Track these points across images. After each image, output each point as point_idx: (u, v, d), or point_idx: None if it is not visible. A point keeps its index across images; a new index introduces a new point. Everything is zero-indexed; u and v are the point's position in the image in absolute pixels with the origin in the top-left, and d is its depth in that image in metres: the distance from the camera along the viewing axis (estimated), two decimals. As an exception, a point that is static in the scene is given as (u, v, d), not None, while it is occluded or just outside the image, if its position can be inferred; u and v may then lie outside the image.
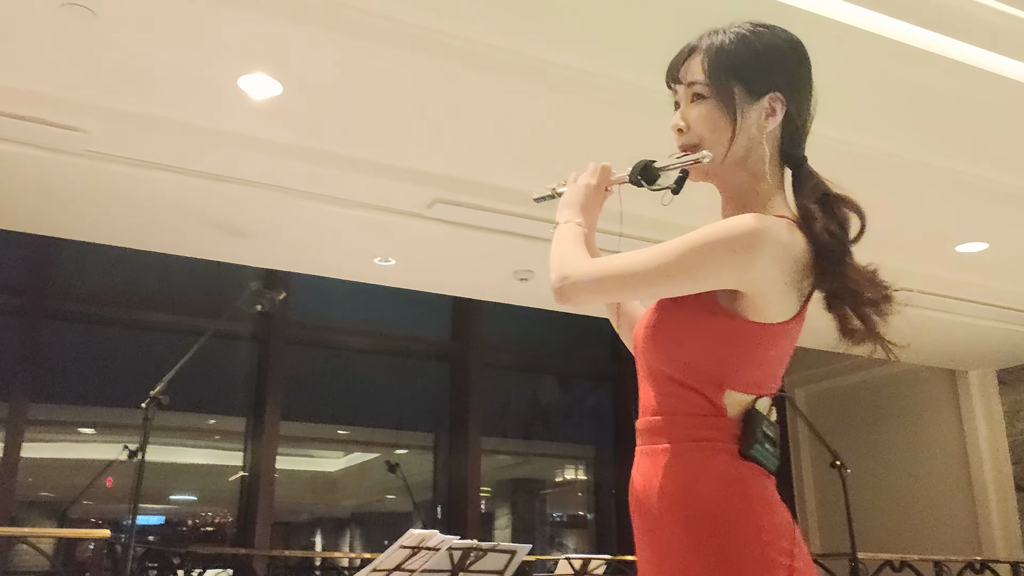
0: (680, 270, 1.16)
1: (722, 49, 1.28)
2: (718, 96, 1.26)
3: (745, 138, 1.27)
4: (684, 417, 1.21)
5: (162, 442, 6.16)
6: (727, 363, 1.20)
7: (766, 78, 1.28)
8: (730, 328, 1.19)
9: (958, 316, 5.07)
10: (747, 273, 1.16)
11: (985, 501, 6.08)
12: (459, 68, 2.81)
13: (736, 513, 1.14)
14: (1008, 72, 3.09)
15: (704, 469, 1.17)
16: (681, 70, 1.31)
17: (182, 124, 3.10)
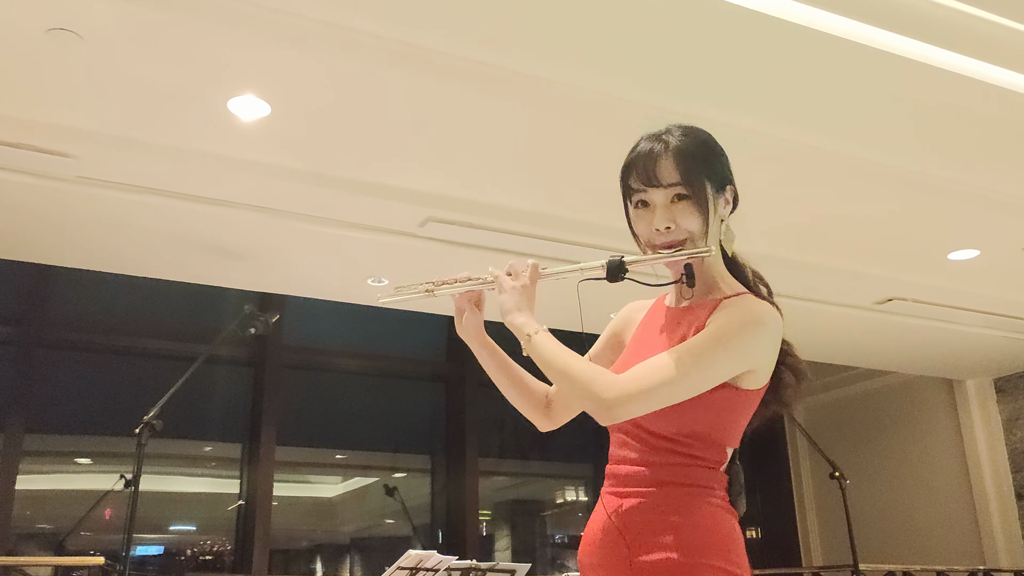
0: (718, 367, 1.32)
1: (688, 152, 1.42)
2: (696, 195, 1.41)
3: (716, 227, 1.45)
4: (679, 467, 1.37)
5: (159, 471, 6.11)
6: (729, 428, 1.39)
7: (724, 172, 1.47)
8: (732, 398, 1.36)
9: (953, 324, 5.07)
10: (761, 355, 1.37)
11: (986, 510, 6.06)
12: (449, 86, 2.82)
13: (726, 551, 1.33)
14: (998, 80, 3.11)
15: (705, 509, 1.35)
16: (657, 175, 1.42)
17: (172, 147, 3.10)
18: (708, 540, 1.33)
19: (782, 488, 7.45)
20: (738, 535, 1.38)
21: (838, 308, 4.80)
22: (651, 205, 1.43)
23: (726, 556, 1.33)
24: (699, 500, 1.36)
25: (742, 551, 1.36)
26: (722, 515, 1.37)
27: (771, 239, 4.01)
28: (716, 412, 1.37)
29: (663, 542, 1.32)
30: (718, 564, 1.31)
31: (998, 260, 4.27)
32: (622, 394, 1.30)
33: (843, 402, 7.16)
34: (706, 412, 1.36)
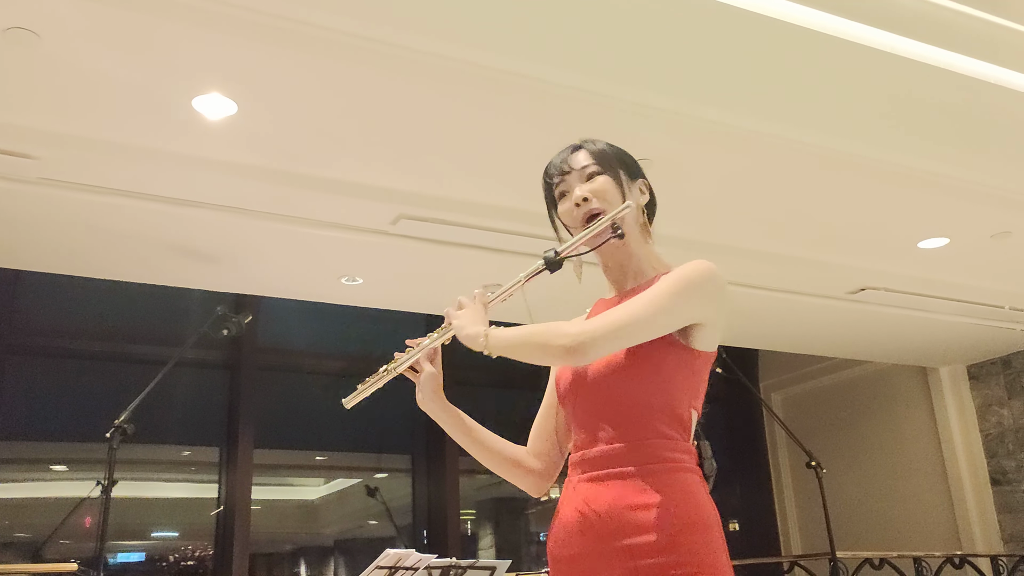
0: (670, 311, 1.40)
1: (603, 146, 1.59)
2: (610, 172, 1.54)
3: (634, 211, 1.55)
4: (659, 442, 1.40)
5: (138, 477, 6.05)
6: (690, 384, 1.46)
7: (636, 169, 1.60)
8: (687, 356, 1.45)
9: (925, 313, 5.12)
10: (711, 305, 1.45)
11: (962, 496, 6.13)
12: (419, 83, 2.80)
13: (712, 528, 1.38)
14: (966, 70, 3.15)
15: (688, 487, 1.39)
16: (569, 163, 1.57)
17: (137, 147, 3.06)
18: (692, 517, 1.36)
19: (761, 479, 7.49)
20: (715, 508, 1.42)
21: (812, 299, 4.83)
22: (569, 191, 1.56)
23: (709, 531, 1.37)
24: (676, 477, 1.39)
25: (720, 524, 1.41)
26: (701, 490, 1.42)
27: (743, 231, 4.04)
28: (679, 373, 1.44)
29: (647, 522, 1.34)
30: (703, 540, 1.35)
31: (968, 248, 4.31)
32: (587, 328, 1.37)
33: (819, 392, 7.22)
34: (665, 375, 1.43)
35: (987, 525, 6.01)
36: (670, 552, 1.32)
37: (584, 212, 1.52)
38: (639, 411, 1.42)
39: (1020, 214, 3.95)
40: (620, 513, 1.37)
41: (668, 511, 1.35)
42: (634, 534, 1.34)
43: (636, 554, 1.34)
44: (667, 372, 1.43)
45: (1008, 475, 5.96)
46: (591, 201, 1.52)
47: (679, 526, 1.34)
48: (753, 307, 4.88)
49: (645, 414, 1.42)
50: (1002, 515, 5.96)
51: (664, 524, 1.34)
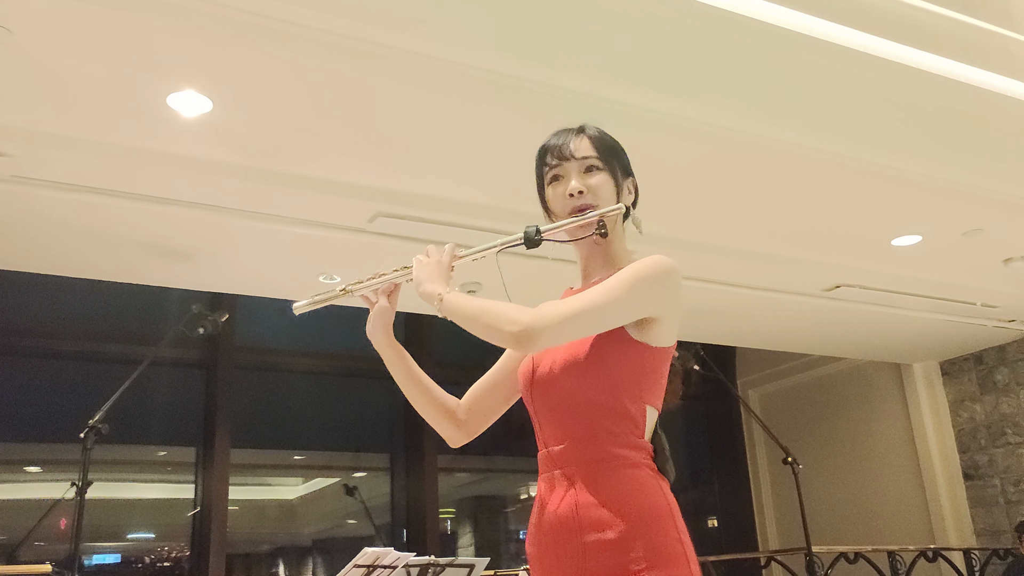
0: (624, 304, 1.40)
1: (601, 137, 1.58)
2: (609, 169, 1.54)
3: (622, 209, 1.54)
4: (607, 441, 1.41)
5: (113, 478, 5.99)
6: (644, 381, 1.45)
7: (628, 165, 1.60)
8: (641, 352, 1.44)
9: (899, 310, 5.18)
10: (666, 300, 1.44)
11: (935, 490, 6.21)
12: (395, 80, 2.80)
13: (665, 515, 1.39)
14: (939, 70, 3.20)
15: (639, 482, 1.40)
16: (571, 148, 1.55)
17: (112, 145, 3.04)
18: (644, 513, 1.37)
19: (739, 476, 7.55)
20: (672, 501, 1.42)
21: (788, 296, 4.87)
22: (564, 177, 1.54)
23: (663, 524, 1.38)
24: (628, 473, 1.40)
25: (678, 516, 1.41)
26: (654, 484, 1.41)
27: (720, 229, 4.06)
28: (631, 368, 1.43)
29: (602, 520, 1.36)
30: (658, 534, 1.36)
31: (940, 245, 4.36)
32: (538, 316, 1.36)
33: (796, 389, 7.28)
34: (622, 369, 1.43)
35: (960, 519, 6.09)
36: (625, 548, 1.34)
37: (576, 204, 1.51)
38: (590, 409, 1.43)
39: (991, 212, 4.00)
40: (578, 511, 1.39)
41: (621, 507, 1.36)
42: (591, 531, 1.37)
43: (594, 551, 1.36)
44: (618, 369, 1.42)
45: (980, 470, 6.05)
46: (585, 195, 1.51)
47: (632, 521, 1.35)
48: (730, 304, 4.92)
49: (596, 412, 1.42)
50: (974, 509, 6.05)
51: (617, 520, 1.35)
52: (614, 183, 1.54)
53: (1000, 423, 5.96)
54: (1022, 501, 5.77)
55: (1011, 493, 5.85)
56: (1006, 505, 5.87)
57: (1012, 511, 5.78)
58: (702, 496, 7.85)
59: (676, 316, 1.47)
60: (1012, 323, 5.62)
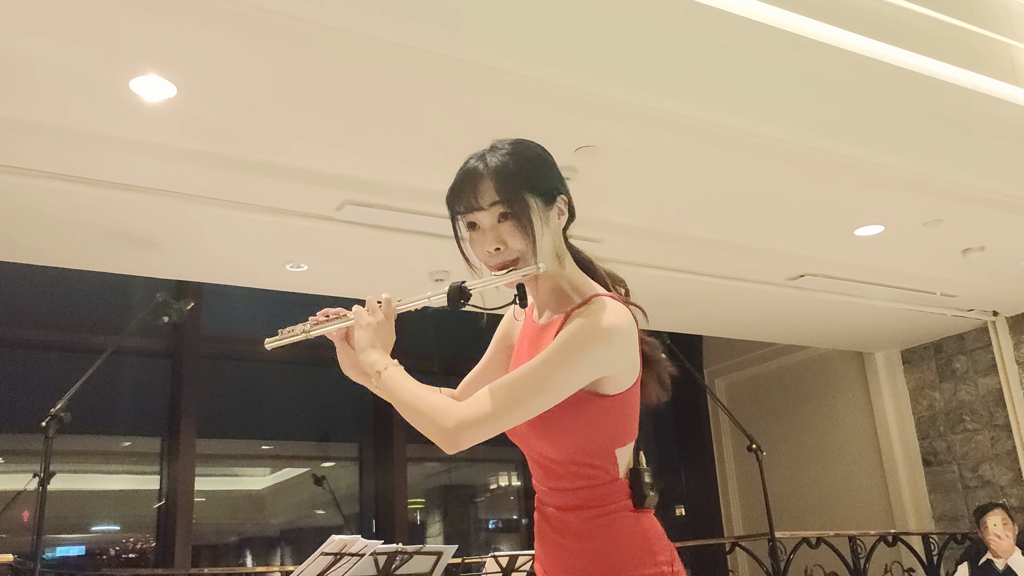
0: (561, 383, 1.33)
1: (507, 169, 1.41)
2: (519, 213, 1.40)
3: (548, 240, 1.43)
4: (583, 489, 1.40)
5: (77, 469, 5.92)
6: (610, 433, 1.40)
7: (552, 184, 1.46)
8: (600, 407, 1.38)
9: (862, 299, 5.26)
10: (609, 362, 1.36)
11: (895, 477, 6.33)
12: (363, 67, 2.78)
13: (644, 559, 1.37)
14: (901, 62, 3.25)
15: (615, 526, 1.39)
16: (477, 198, 1.41)
17: (74, 131, 2.99)
18: (623, 555, 1.37)
19: (705, 465, 7.64)
20: (653, 532, 1.41)
21: (753, 285, 4.93)
22: (479, 226, 1.43)
23: (644, 560, 1.38)
24: (604, 520, 1.39)
25: (662, 545, 1.41)
26: (630, 524, 1.40)
27: (686, 218, 4.10)
28: (592, 424, 1.38)
29: (585, 569, 1.39)
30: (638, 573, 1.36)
31: (902, 235, 4.43)
32: (462, 422, 1.31)
33: (761, 378, 7.38)
34: (583, 427, 1.38)
35: (919, 504, 6.22)
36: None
37: (498, 262, 1.42)
38: (561, 465, 1.41)
39: (951, 203, 4.07)
40: (561, 558, 1.42)
41: (599, 558, 1.37)
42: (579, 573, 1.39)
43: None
44: (580, 429, 1.38)
45: (939, 456, 6.17)
46: (503, 251, 1.41)
47: (610, 566, 1.36)
48: (697, 293, 4.97)
49: (567, 467, 1.40)
50: (933, 495, 6.18)
51: (596, 566, 1.37)
52: (528, 225, 1.39)
53: (958, 410, 6.09)
54: (980, 487, 5.90)
55: (969, 479, 5.99)
56: (964, 491, 6.00)
57: (970, 496, 5.91)
58: (670, 485, 7.93)
59: (628, 363, 1.40)
60: (970, 312, 5.74)
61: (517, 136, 1.50)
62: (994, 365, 5.90)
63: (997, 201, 4.10)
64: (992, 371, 5.92)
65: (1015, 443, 5.71)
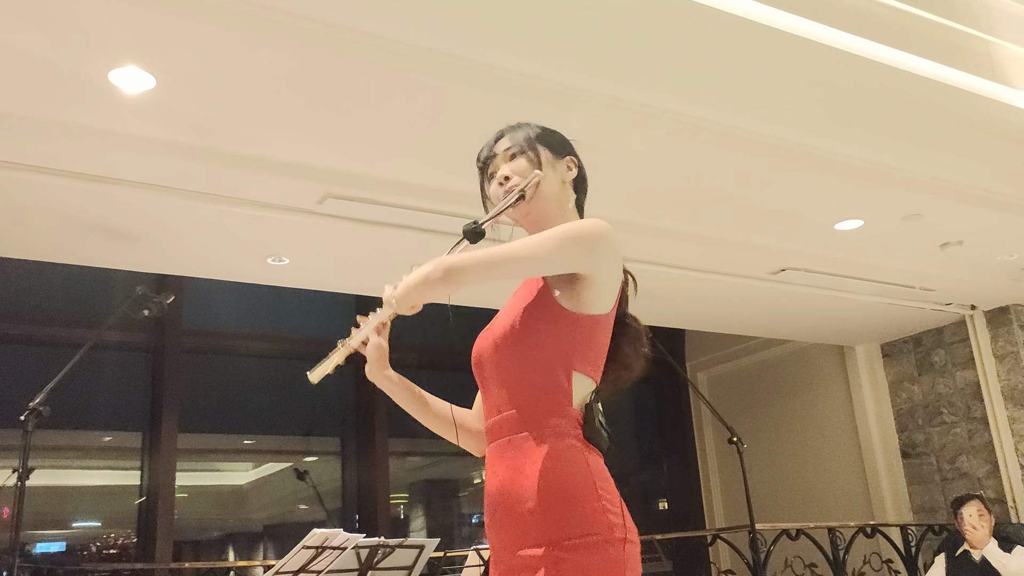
0: (547, 254, 1.44)
1: (526, 129, 1.66)
2: (530, 151, 1.62)
3: (555, 183, 1.63)
4: (536, 410, 1.46)
5: (59, 465, 5.87)
6: (571, 348, 1.47)
7: (563, 147, 1.68)
8: (568, 320, 1.47)
9: (842, 293, 5.30)
10: (594, 260, 1.46)
11: (874, 469, 6.39)
12: (346, 60, 2.77)
13: (583, 487, 1.40)
14: (877, 57, 3.27)
15: (560, 452, 1.42)
16: (493, 147, 1.66)
17: (51, 122, 2.96)
18: (559, 484, 1.40)
19: (687, 459, 7.67)
20: (598, 470, 1.44)
21: (735, 279, 4.95)
22: (496, 172, 1.64)
23: (584, 496, 1.39)
24: (552, 445, 1.43)
25: (605, 487, 1.42)
26: (577, 456, 1.43)
27: (667, 212, 4.12)
28: (555, 336, 1.47)
29: (526, 492, 1.41)
30: (579, 505, 1.38)
31: (881, 230, 4.47)
32: (461, 258, 1.45)
33: (743, 372, 7.42)
34: (546, 337, 1.47)
35: (898, 496, 6.29)
36: (544, 520, 1.38)
37: (506, 189, 1.60)
38: (521, 382, 1.48)
39: (929, 197, 4.11)
40: (508, 483, 1.45)
41: (541, 480, 1.40)
42: (518, 502, 1.42)
43: (521, 522, 1.41)
44: (548, 341, 1.47)
45: (918, 448, 6.24)
46: (512, 178, 1.60)
47: (551, 494, 1.39)
48: (679, 287, 4.99)
49: (526, 385, 1.47)
50: (912, 486, 6.25)
51: (537, 493, 1.40)
52: (535, 162, 1.60)
53: (936, 403, 6.16)
54: (957, 478, 5.97)
55: (947, 471, 6.05)
56: (942, 482, 6.07)
57: (948, 488, 5.98)
58: (652, 479, 7.96)
59: (610, 281, 1.50)
60: (949, 306, 5.80)
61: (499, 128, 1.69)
62: (972, 359, 5.96)
63: (975, 196, 4.14)
64: (970, 364, 5.98)
65: (992, 436, 5.78)
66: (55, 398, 3.41)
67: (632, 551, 1.39)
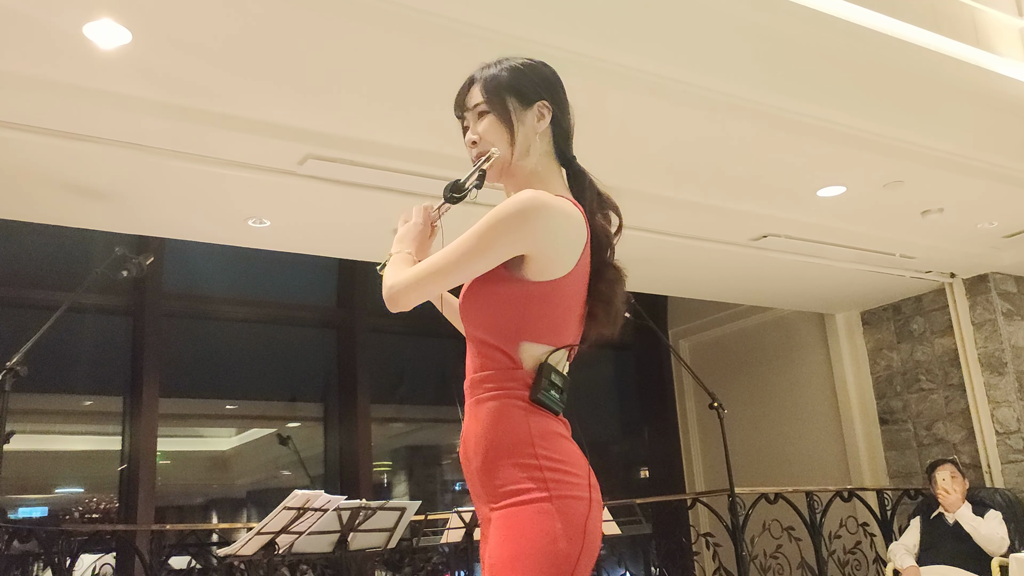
0: (478, 252, 1.44)
1: (496, 75, 1.61)
2: (498, 109, 1.59)
3: (524, 137, 1.59)
4: (490, 373, 1.48)
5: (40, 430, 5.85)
6: (520, 319, 1.47)
7: (534, 90, 1.62)
8: (518, 290, 1.46)
9: (823, 260, 5.33)
10: (528, 237, 1.43)
11: (852, 435, 6.47)
12: (327, 17, 2.73)
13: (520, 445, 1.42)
14: (859, 21, 3.25)
15: (500, 413, 1.45)
16: (465, 99, 1.64)
17: (24, 77, 2.90)
18: (501, 442, 1.45)
19: (668, 427, 7.74)
20: (538, 429, 1.44)
21: (717, 245, 4.96)
22: (469, 127, 1.65)
23: (518, 451, 1.43)
24: (494, 405, 1.48)
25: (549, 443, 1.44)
26: (516, 414, 1.46)
27: (648, 177, 4.10)
28: (505, 306, 1.48)
29: (476, 450, 1.48)
30: (510, 462, 1.42)
31: (862, 196, 4.48)
32: (398, 283, 1.50)
33: (725, 339, 7.47)
34: (496, 306, 1.49)
35: (875, 461, 6.38)
36: (490, 476, 1.45)
37: (475, 153, 1.61)
38: (477, 343, 1.52)
39: (911, 164, 4.12)
40: (468, 439, 1.51)
41: (485, 438, 1.46)
42: (470, 461, 1.50)
43: (474, 478, 1.49)
44: (494, 307, 1.49)
45: (895, 415, 6.32)
46: (478, 143, 1.61)
47: (492, 451, 1.45)
48: (661, 253, 5.00)
49: (480, 347, 1.51)
50: (889, 452, 6.33)
51: (482, 450, 1.46)
52: (503, 121, 1.58)
53: (915, 370, 6.23)
54: (933, 444, 6.06)
55: (923, 437, 6.14)
56: (918, 448, 6.15)
57: (924, 453, 6.07)
58: (634, 447, 8.03)
59: (555, 248, 1.46)
60: (928, 274, 5.84)
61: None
62: (950, 326, 6.03)
63: (957, 163, 4.15)
64: (948, 332, 6.05)
65: (968, 402, 5.86)
66: (35, 360, 3.39)
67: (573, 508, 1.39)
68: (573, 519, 1.37)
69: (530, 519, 1.37)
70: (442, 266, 1.46)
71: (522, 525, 1.36)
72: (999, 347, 5.75)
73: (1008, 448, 5.65)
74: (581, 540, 1.37)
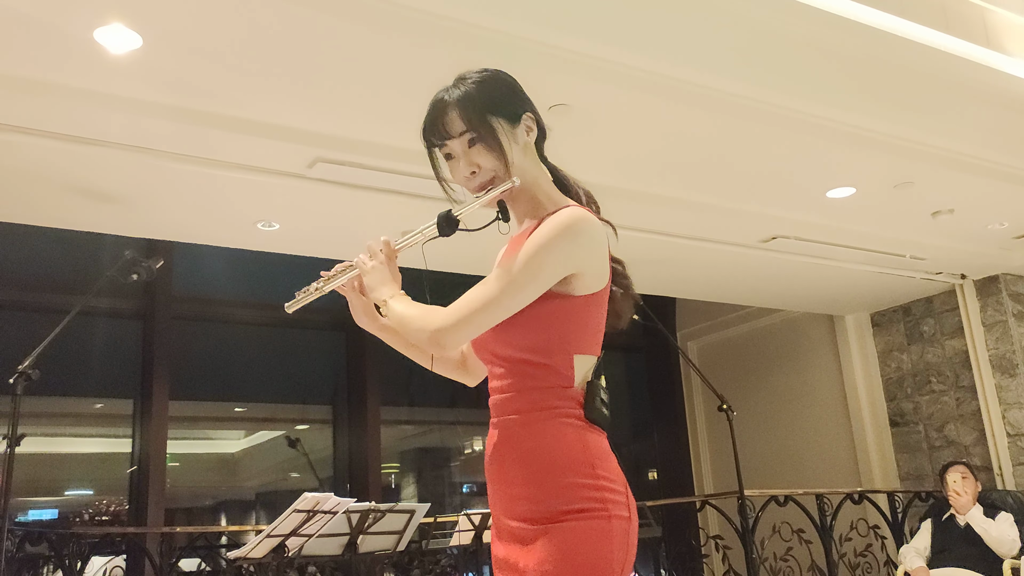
0: (531, 278, 1.41)
1: (470, 97, 1.53)
2: (486, 135, 1.51)
3: (520, 156, 1.54)
4: (534, 391, 1.45)
5: (50, 432, 5.87)
6: (570, 334, 1.45)
7: (515, 105, 1.56)
8: (564, 306, 1.44)
9: (833, 262, 5.31)
10: (578, 255, 1.42)
11: (863, 436, 6.44)
12: (336, 20, 2.73)
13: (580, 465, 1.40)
14: (869, 21, 3.24)
15: (554, 432, 1.42)
16: (447, 128, 1.53)
17: (35, 82, 2.92)
18: (558, 460, 1.40)
19: (678, 429, 7.72)
20: (596, 448, 1.43)
21: (726, 247, 4.95)
22: (454, 155, 1.55)
23: (580, 471, 1.40)
24: (548, 423, 1.43)
25: (602, 464, 1.42)
26: (574, 432, 1.43)
27: (658, 178, 4.10)
28: (552, 323, 1.44)
29: (518, 473, 1.43)
30: (571, 480, 1.39)
31: (872, 197, 4.46)
32: (445, 323, 1.42)
33: (734, 341, 7.45)
34: (542, 325, 1.44)
35: (885, 464, 6.35)
36: (536, 499, 1.40)
37: (476, 184, 1.54)
38: (517, 364, 1.47)
39: (921, 165, 4.10)
40: (502, 459, 1.46)
41: (535, 460, 1.42)
42: (509, 484, 1.45)
43: (516, 497, 1.43)
44: (541, 325, 1.44)
45: (906, 416, 6.29)
46: (479, 174, 1.53)
47: (544, 473, 1.40)
48: (670, 254, 4.99)
49: (522, 366, 1.46)
50: (899, 454, 6.30)
51: (529, 472, 1.41)
52: (496, 147, 1.50)
53: (925, 372, 6.20)
54: (944, 446, 6.03)
55: (934, 439, 6.11)
56: (929, 450, 6.12)
57: (935, 456, 6.03)
58: (643, 449, 8.01)
59: (596, 264, 1.46)
60: (939, 275, 5.81)
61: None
62: (961, 328, 5.99)
63: (967, 164, 4.13)
64: (959, 333, 6.02)
65: (979, 404, 5.83)
66: (46, 364, 3.41)
67: (623, 527, 1.39)
68: (621, 537, 1.39)
69: (588, 536, 1.36)
70: (494, 298, 1.41)
71: (579, 541, 1.36)
72: (1010, 348, 5.71)
73: (1020, 450, 5.61)
74: (624, 556, 1.38)
